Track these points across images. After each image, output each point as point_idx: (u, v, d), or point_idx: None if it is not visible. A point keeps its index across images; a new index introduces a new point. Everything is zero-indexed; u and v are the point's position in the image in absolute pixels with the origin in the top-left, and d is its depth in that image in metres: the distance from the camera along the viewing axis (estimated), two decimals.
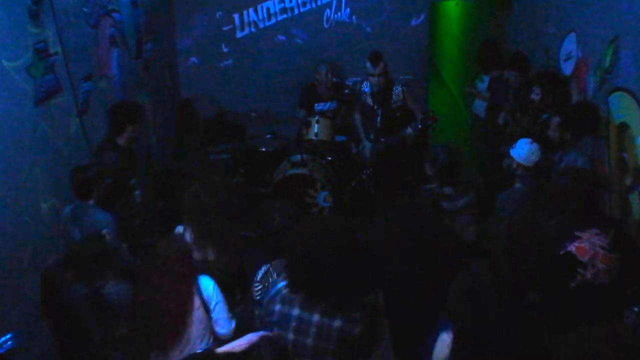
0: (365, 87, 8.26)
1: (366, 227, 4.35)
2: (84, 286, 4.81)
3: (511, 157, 6.08)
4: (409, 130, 7.96)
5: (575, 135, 6.20)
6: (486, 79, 9.13)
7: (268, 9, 10.15)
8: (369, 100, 8.23)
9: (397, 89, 8.18)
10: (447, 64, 16.13)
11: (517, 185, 6.08)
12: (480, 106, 9.30)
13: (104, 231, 5.33)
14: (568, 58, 6.95)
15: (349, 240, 3.70)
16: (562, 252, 4.39)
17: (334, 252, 3.58)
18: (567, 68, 6.95)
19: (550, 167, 6.19)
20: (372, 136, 8.34)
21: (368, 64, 7.97)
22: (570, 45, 6.92)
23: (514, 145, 6.08)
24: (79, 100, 6.33)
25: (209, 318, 4.63)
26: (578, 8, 6.76)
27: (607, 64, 5.92)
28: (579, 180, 4.95)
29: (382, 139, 8.23)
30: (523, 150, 6.02)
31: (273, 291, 3.87)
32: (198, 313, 4.55)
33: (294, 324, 3.70)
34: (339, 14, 10.12)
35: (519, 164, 6.04)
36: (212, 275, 4.71)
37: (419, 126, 7.90)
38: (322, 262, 3.58)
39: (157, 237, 6.17)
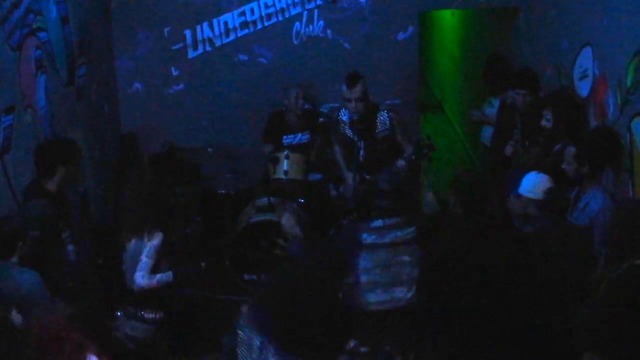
0: (343, 116, 8.33)
1: None
2: None
3: (517, 196, 6.16)
4: (401, 162, 8.04)
5: (595, 169, 6.29)
6: (496, 102, 9.14)
7: (226, 23, 10.25)
8: (348, 131, 8.31)
9: (383, 116, 8.24)
10: (443, 85, 16.29)
11: (525, 228, 6.17)
12: (489, 135, 9.33)
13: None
14: (584, 76, 7.07)
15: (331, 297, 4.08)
16: None
17: (317, 309, 3.88)
18: (583, 88, 7.07)
19: (566, 207, 6.30)
20: (353, 174, 8.36)
21: (343, 87, 8.06)
22: (585, 61, 7.05)
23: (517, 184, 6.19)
24: None
25: None
26: (594, 18, 6.88)
27: (629, 82, 6.04)
28: None
29: (367, 177, 8.29)
30: (529, 182, 6.11)
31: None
32: None
33: None
34: (310, 27, 10.23)
35: (528, 200, 6.11)
36: None
37: (413, 157, 7.98)
38: (304, 318, 3.86)
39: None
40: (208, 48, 10.30)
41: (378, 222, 6.08)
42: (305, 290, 3.94)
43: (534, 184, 6.10)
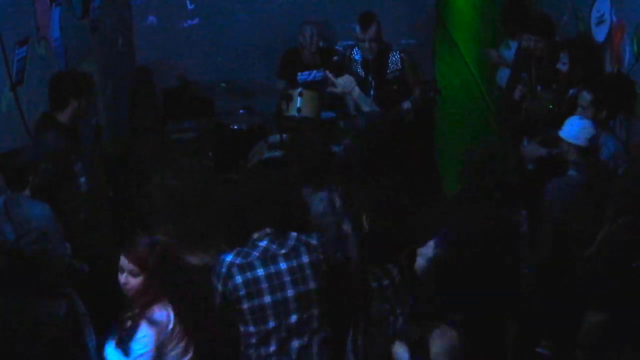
0: (356, 55, 8.30)
1: None
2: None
3: (561, 140, 6.07)
4: (407, 104, 8.02)
5: (608, 116, 6.27)
6: (513, 45, 9.07)
7: None
8: (360, 70, 8.29)
9: (395, 56, 8.21)
10: (460, 24, 16.14)
11: (571, 172, 6.08)
12: (505, 76, 9.26)
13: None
14: (600, 22, 7.01)
15: None
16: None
17: None
18: (599, 34, 7.01)
19: None
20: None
21: (357, 28, 8.01)
22: (603, 6, 6.98)
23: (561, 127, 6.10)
24: (12, 70, 6.36)
25: None
26: None
27: None
28: None
29: (377, 110, 8.26)
30: (573, 127, 6.03)
31: (223, 269, 4.49)
32: None
33: (265, 285, 4.46)
34: None
35: (570, 145, 6.01)
36: None
37: (418, 101, 7.96)
38: None
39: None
40: None
41: None
42: None
43: (578, 129, 6.00)
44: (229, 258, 4.50)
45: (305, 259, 4.55)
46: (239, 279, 4.45)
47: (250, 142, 8.99)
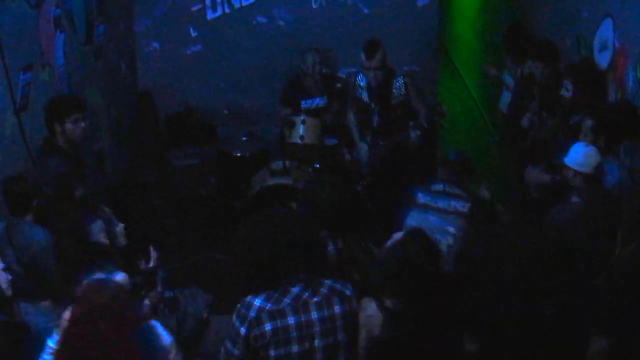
0: (361, 81, 8.32)
1: None
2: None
3: (565, 166, 6.05)
4: (414, 132, 8.02)
5: (612, 142, 6.24)
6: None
7: None
8: (365, 96, 8.29)
9: (399, 82, 8.24)
10: (461, 53, 16.17)
11: (574, 198, 6.07)
12: (508, 101, 9.24)
13: None
14: (603, 48, 7.01)
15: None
16: None
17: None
18: (603, 60, 7.00)
19: None
20: (368, 139, 8.39)
21: (362, 56, 8.03)
22: (606, 32, 6.98)
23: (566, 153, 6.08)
24: (16, 95, 6.36)
25: None
26: None
27: None
28: None
29: (381, 142, 8.28)
30: (579, 154, 6.01)
31: (252, 313, 4.19)
32: None
33: (294, 334, 4.19)
34: None
35: (575, 172, 6.00)
36: None
37: (425, 125, 7.96)
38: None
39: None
40: (227, 9, 10.28)
41: (439, 185, 6.01)
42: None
43: (584, 156, 5.98)
44: (259, 302, 4.20)
45: (338, 309, 4.29)
46: (268, 326, 4.16)
47: (253, 168, 8.97)
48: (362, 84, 8.31)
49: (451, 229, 5.80)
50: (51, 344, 4.43)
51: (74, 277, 5.02)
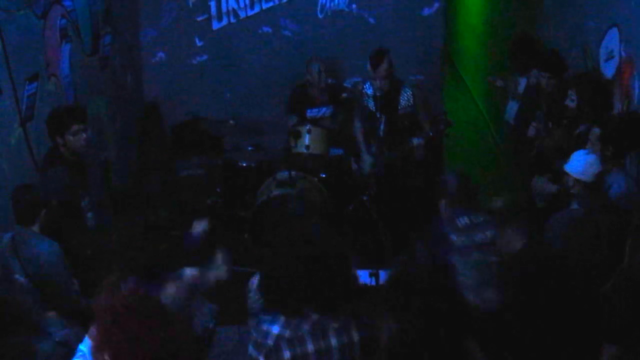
0: (368, 89, 8.31)
1: None
2: None
3: (566, 174, 6.05)
4: (417, 139, 8.02)
5: (619, 152, 6.23)
6: (523, 81, 9.07)
7: None
8: (371, 104, 8.29)
9: (407, 92, 8.23)
10: (467, 62, 16.20)
11: (574, 206, 6.06)
12: (513, 113, 9.23)
13: None
14: (609, 58, 7.00)
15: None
16: None
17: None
18: (608, 70, 7.00)
19: None
20: (374, 148, 8.38)
21: (368, 65, 8.03)
22: (611, 42, 6.98)
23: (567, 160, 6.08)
24: (21, 106, 6.37)
25: None
26: None
27: None
28: None
29: (387, 152, 8.27)
30: (579, 162, 6.01)
31: (269, 341, 4.02)
32: None
33: None
34: (336, 1, 10.21)
35: (576, 180, 6.00)
36: None
37: (430, 134, 7.97)
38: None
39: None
40: (232, 20, 10.28)
41: (464, 219, 5.86)
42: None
43: (585, 164, 5.98)
44: (277, 330, 4.03)
45: (356, 336, 4.07)
46: (287, 353, 3.97)
47: (259, 178, 8.96)
48: (369, 91, 8.30)
49: (493, 258, 5.70)
50: (83, 348, 4.35)
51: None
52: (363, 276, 6.42)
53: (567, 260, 5.01)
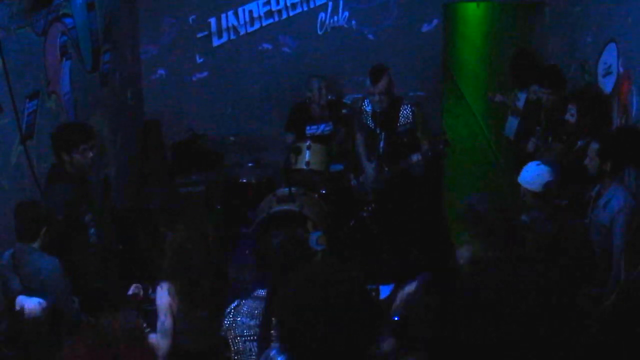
0: (367, 106, 8.33)
1: None
2: None
3: (519, 185, 6.20)
4: (415, 157, 8.03)
5: (618, 166, 6.24)
6: (522, 96, 9.07)
7: (251, 12, 10.24)
8: (370, 122, 8.31)
9: (406, 110, 8.23)
10: (467, 78, 16.24)
11: (523, 217, 6.17)
12: (513, 128, 9.24)
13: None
14: (607, 73, 7.03)
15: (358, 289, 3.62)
16: None
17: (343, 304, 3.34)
18: (607, 85, 7.03)
19: (587, 204, 6.27)
20: (374, 165, 8.39)
21: (367, 82, 8.05)
22: (610, 57, 7.01)
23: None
24: (22, 123, 6.39)
25: None
26: (619, 14, 6.84)
27: None
28: None
29: (386, 168, 8.28)
30: (528, 173, 6.13)
31: None
32: None
33: None
34: (335, 17, 10.21)
35: (525, 190, 6.15)
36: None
37: (429, 153, 7.98)
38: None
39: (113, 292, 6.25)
40: (232, 36, 10.30)
41: None
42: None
43: (533, 175, 6.12)
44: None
45: None
46: None
47: (259, 195, 8.98)
48: (368, 109, 8.32)
49: None
50: None
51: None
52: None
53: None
